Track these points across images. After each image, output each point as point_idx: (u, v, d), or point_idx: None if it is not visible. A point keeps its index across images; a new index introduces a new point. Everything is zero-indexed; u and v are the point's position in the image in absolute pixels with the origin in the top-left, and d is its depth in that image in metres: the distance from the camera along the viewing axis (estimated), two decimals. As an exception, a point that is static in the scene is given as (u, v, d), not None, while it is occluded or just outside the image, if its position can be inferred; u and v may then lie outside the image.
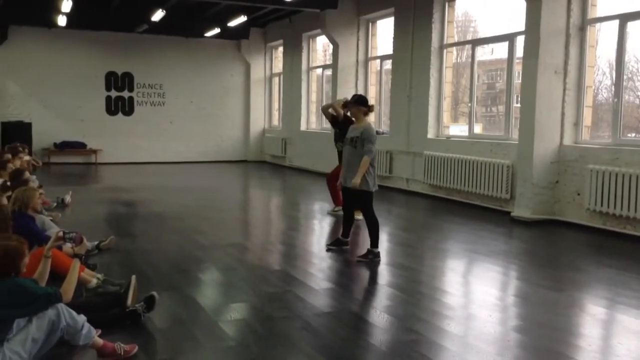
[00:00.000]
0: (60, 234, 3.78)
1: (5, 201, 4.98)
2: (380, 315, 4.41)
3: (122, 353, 3.39)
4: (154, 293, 4.09)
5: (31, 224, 5.02)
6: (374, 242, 6.09)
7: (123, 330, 3.77)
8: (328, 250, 6.49)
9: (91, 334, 3.29)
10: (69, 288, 3.43)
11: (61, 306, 3.22)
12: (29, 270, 3.50)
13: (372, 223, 6.12)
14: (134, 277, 4.24)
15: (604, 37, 8.23)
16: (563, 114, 8.21)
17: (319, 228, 8.34)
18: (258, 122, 18.30)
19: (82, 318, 3.28)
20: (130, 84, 16.94)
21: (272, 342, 3.78)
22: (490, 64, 11.21)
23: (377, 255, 6.05)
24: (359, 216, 6.71)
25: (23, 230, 4.32)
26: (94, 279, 4.61)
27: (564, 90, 8.18)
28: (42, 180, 9.57)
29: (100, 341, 3.34)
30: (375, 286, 5.38)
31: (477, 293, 5.25)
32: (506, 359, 3.66)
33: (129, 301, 4.03)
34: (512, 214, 8.51)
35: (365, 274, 5.94)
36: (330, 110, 8.62)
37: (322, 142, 13.50)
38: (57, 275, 3.95)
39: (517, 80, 9.27)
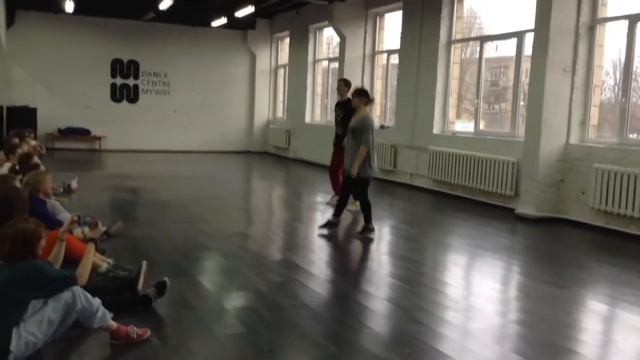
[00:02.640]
0: (76, 217, 3.82)
1: (19, 184, 5.01)
2: (385, 305, 4.48)
3: (135, 337, 3.43)
4: (166, 279, 4.14)
5: (43, 208, 5.06)
6: (368, 219, 6.79)
7: (134, 315, 3.81)
8: (321, 228, 6.99)
9: (105, 317, 3.34)
10: (84, 271, 3.47)
11: (77, 289, 3.27)
12: (42, 253, 3.55)
13: (365, 205, 6.81)
14: (144, 263, 4.28)
15: (609, 37, 8.25)
16: (570, 112, 8.23)
17: (322, 219, 8.37)
18: (262, 113, 18.31)
19: (97, 301, 3.32)
20: (136, 72, 16.95)
21: (281, 330, 3.83)
22: (493, 61, 11.21)
23: (372, 229, 6.79)
24: (352, 207, 7.75)
25: (35, 214, 4.34)
26: (104, 263, 4.65)
27: (572, 89, 8.20)
28: (47, 166, 9.56)
29: (114, 324, 3.39)
30: (379, 277, 5.43)
31: (479, 287, 5.31)
32: (505, 348, 3.72)
33: (140, 286, 4.08)
34: (516, 211, 8.56)
35: (368, 264, 6.02)
36: None
37: (326, 135, 13.48)
38: (69, 259, 4.00)
39: (524, 78, 9.29)
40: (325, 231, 6.92)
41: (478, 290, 5.20)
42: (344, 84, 8.96)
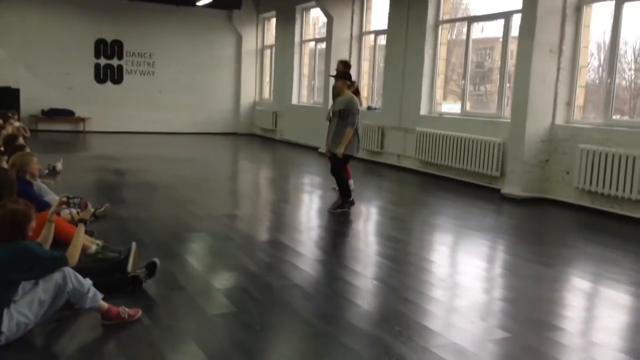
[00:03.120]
0: (64, 198, 3.80)
1: (5, 165, 4.96)
2: (374, 284, 4.54)
3: (126, 317, 3.45)
4: (156, 260, 4.14)
5: (30, 190, 5.03)
6: (347, 193, 7.04)
7: (125, 296, 3.82)
8: (334, 210, 7.06)
9: (97, 297, 3.34)
10: (74, 252, 3.46)
11: (67, 269, 3.27)
12: (31, 235, 3.53)
13: (342, 180, 7.02)
14: (134, 244, 4.28)
15: (595, 18, 8.29)
16: (556, 93, 8.29)
17: (309, 199, 8.42)
18: (249, 95, 18.21)
19: (88, 282, 3.33)
20: (120, 52, 16.74)
21: (272, 309, 3.86)
22: (479, 42, 11.21)
23: (352, 202, 7.07)
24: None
25: (22, 195, 4.32)
26: (93, 245, 4.65)
27: (558, 69, 8.25)
28: (31, 148, 9.45)
29: (105, 305, 3.40)
30: (368, 257, 5.48)
31: (465, 265, 5.38)
32: (491, 324, 3.80)
33: (130, 267, 4.07)
34: (502, 191, 8.64)
35: (357, 245, 6.07)
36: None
37: (313, 117, 13.52)
38: (57, 241, 3.98)
39: (511, 59, 9.32)
40: (345, 209, 7.02)
41: (464, 268, 5.27)
42: (343, 65, 8.62)
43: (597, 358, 3.39)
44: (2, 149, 6.56)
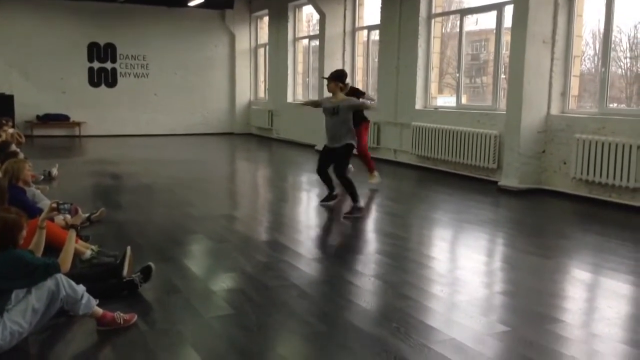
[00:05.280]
0: (55, 204, 3.76)
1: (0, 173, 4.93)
2: (372, 281, 4.49)
3: (121, 322, 3.41)
4: (151, 264, 4.11)
5: (22, 197, 4.99)
6: (355, 197, 6.74)
7: (120, 301, 3.79)
8: (322, 205, 7.22)
9: (91, 303, 3.31)
10: (66, 258, 3.43)
11: (60, 276, 3.23)
12: (23, 242, 3.49)
13: (349, 183, 6.76)
14: (129, 248, 4.25)
15: (588, 7, 8.25)
16: (551, 83, 8.26)
17: (307, 198, 8.38)
18: (244, 94, 18.16)
19: (81, 288, 3.29)
20: (113, 55, 16.68)
21: (269, 310, 3.83)
22: (474, 34, 11.18)
23: (361, 209, 6.80)
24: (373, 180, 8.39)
25: (15, 202, 4.28)
26: (88, 250, 4.61)
27: (552, 59, 8.22)
28: (27, 154, 9.42)
29: (99, 311, 3.36)
30: (366, 254, 5.45)
31: (465, 260, 5.35)
32: (491, 319, 3.76)
33: (125, 272, 4.04)
34: (499, 183, 8.62)
35: (355, 242, 6.03)
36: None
37: (309, 114, 13.44)
38: (51, 247, 3.95)
39: (505, 51, 9.28)
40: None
41: (464, 263, 5.24)
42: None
43: (598, 350, 3.36)
44: (-6, 156, 6.51)
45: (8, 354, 3.09)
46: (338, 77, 6.95)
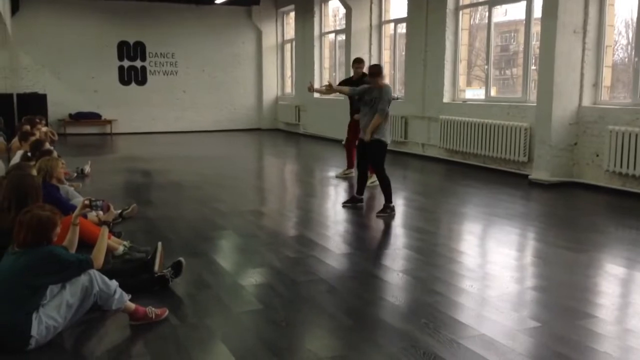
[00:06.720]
0: (87, 201, 3.84)
1: (35, 172, 5.05)
2: (401, 277, 4.47)
3: (153, 317, 3.47)
4: (182, 259, 4.17)
5: (56, 194, 5.11)
6: (388, 197, 6.62)
7: (152, 296, 3.85)
8: (344, 207, 6.97)
9: (123, 298, 3.37)
10: (99, 255, 3.50)
11: (93, 272, 3.30)
12: (57, 239, 3.57)
13: (384, 180, 6.63)
14: (160, 244, 4.31)
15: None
16: (582, 74, 8.10)
17: (335, 193, 8.38)
18: (271, 90, 18.22)
19: (114, 283, 3.36)
20: (143, 54, 16.90)
21: (298, 305, 3.85)
22: (503, 25, 11.01)
23: (393, 209, 6.61)
24: (373, 180, 7.58)
25: (49, 200, 4.39)
26: (120, 246, 4.70)
27: (583, 50, 8.05)
28: (60, 151, 9.63)
29: (132, 305, 3.42)
30: (394, 249, 5.43)
31: (495, 254, 5.29)
32: (523, 315, 3.71)
33: (157, 267, 4.10)
34: (530, 176, 8.49)
35: (383, 237, 6.02)
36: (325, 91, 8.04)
37: (336, 109, 13.44)
38: (84, 243, 4.03)
39: (534, 41, 9.13)
40: (348, 205, 6.94)
41: (494, 258, 5.18)
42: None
43: (632, 346, 3.30)
44: (29, 154, 6.67)
45: (43, 348, 3.18)
46: (377, 72, 6.69)
